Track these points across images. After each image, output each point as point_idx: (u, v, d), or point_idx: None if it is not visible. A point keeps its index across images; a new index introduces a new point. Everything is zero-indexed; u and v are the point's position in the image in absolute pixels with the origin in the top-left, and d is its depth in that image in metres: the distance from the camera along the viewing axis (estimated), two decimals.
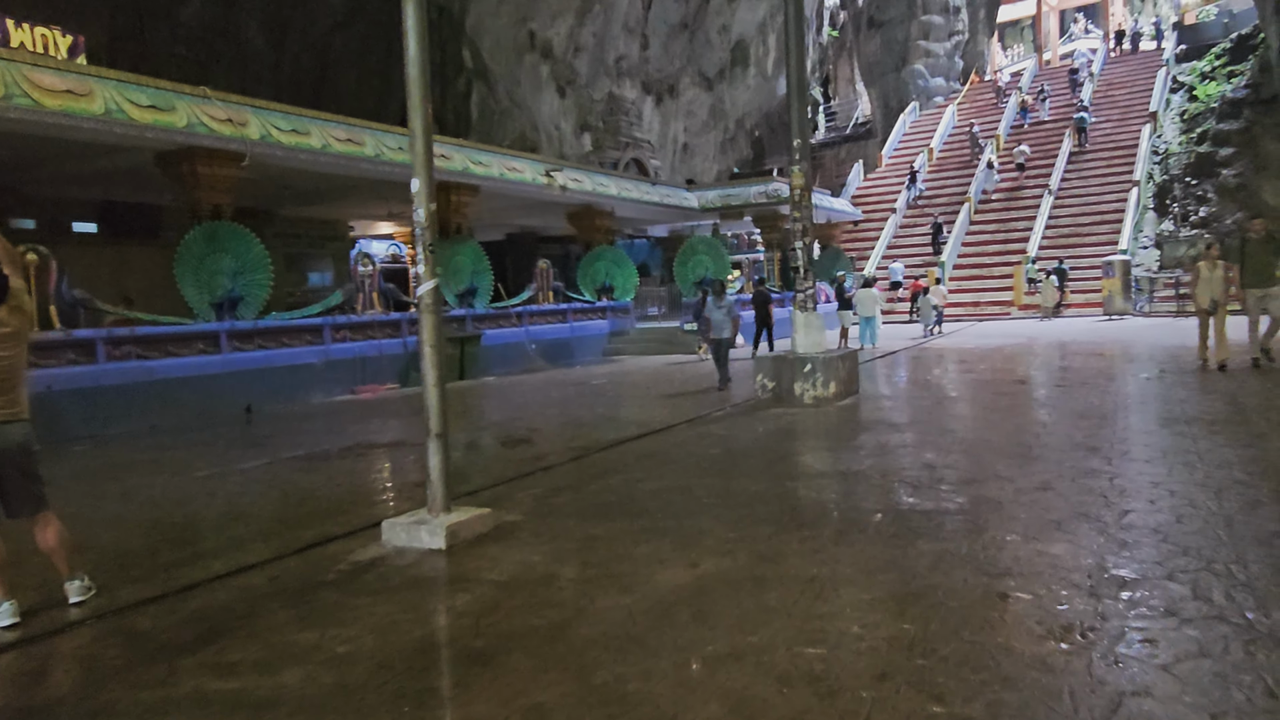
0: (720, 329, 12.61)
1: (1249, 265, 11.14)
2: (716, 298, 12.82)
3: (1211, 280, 11.43)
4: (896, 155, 39.31)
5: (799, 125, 10.67)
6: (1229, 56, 33.75)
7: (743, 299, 23.65)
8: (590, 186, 21.31)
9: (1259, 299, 11.15)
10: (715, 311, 12.68)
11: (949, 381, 12.83)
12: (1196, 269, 11.68)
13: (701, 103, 39.99)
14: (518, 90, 32.51)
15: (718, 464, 7.26)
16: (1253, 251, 11.17)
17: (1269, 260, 11.04)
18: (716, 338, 12.66)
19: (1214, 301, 11.43)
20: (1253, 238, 11.29)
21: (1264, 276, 11.03)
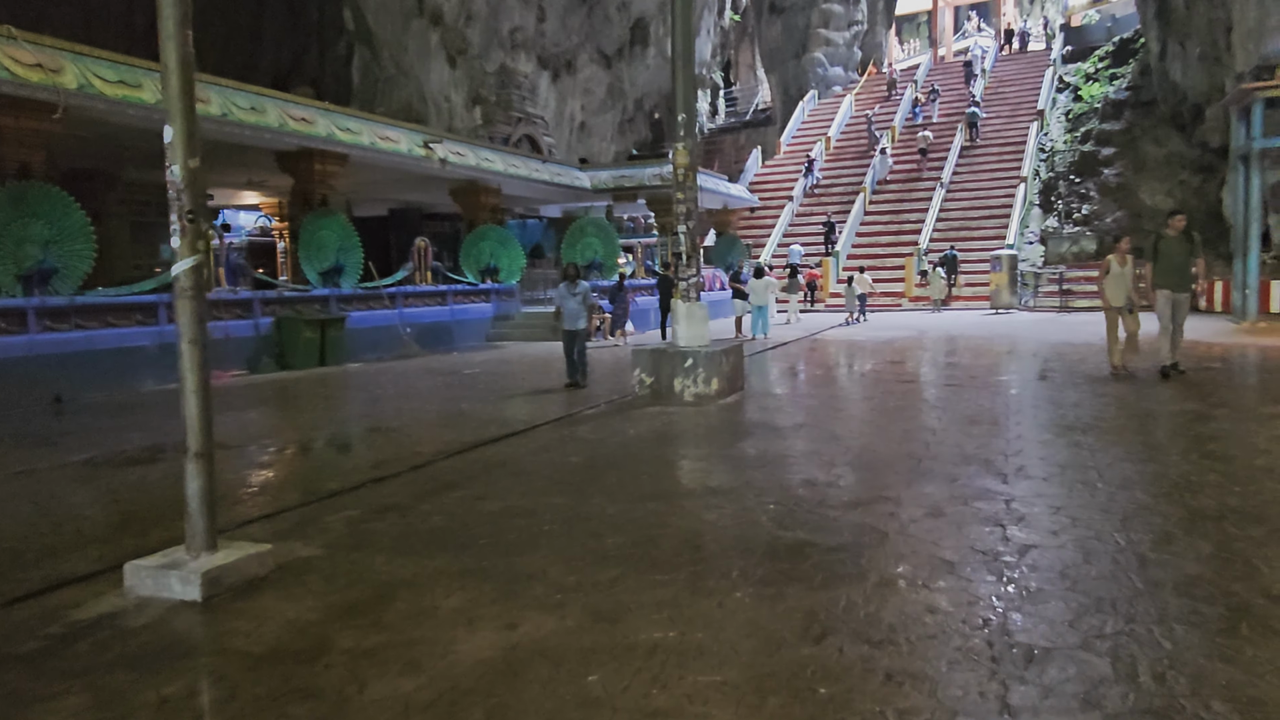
0: (574, 319, 11.25)
1: (1162, 264, 10.19)
2: (570, 284, 11.31)
3: (1123, 277, 10.63)
4: (795, 143, 39.12)
5: (684, 99, 9.80)
6: (1111, 59, 34.69)
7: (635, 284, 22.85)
8: (474, 161, 20.05)
9: (1167, 301, 10.26)
10: (568, 300, 11.25)
11: (838, 378, 12.27)
12: (1106, 264, 10.80)
13: (600, 81, 38.87)
14: (405, 57, 30.73)
15: (575, 477, 6.35)
16: (1168, 250, 10.17)
17: (1184, 261, 10.13)
18: (570, 329, 11.25)
19: (1129, 299, 10.58)
20: (1169, 234, 10.26)
21: (1178, 278, 10.15)
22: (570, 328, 11.23)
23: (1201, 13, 24.61)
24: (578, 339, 11.24)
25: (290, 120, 15.12)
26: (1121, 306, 10.62)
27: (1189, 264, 10.15)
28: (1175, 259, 10.11)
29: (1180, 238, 10.21)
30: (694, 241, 10.05)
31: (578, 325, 11.22)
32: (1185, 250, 10.14)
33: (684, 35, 9.71)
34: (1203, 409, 8.39)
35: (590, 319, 11.34)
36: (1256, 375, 11.07)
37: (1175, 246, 10.15)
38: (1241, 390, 9.61)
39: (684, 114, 9.80)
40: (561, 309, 11.36)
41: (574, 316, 11.21)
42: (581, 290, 11.23)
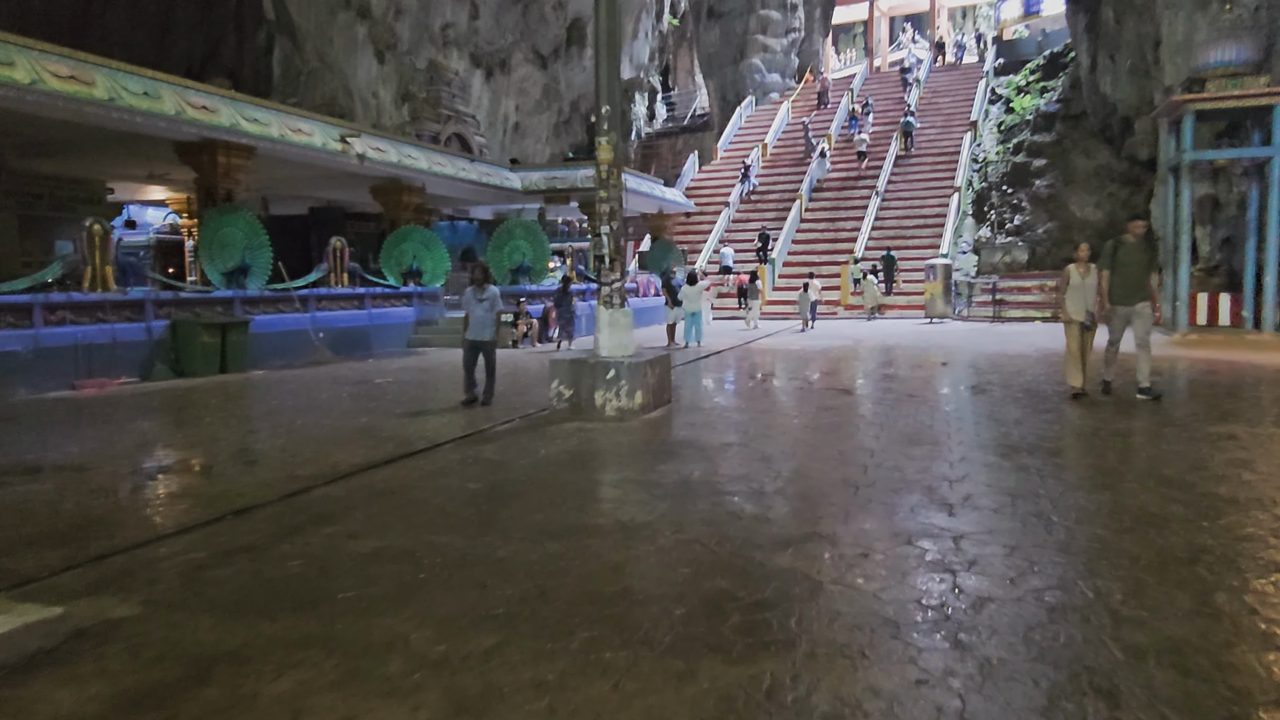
0: (480, 328, 9.98)
1: (1120, 274, 9.28)
2: (477, 289, 10.03)
3: (1084, 289, 9.50)
4: (732, 148, 38.80)
5: (608, 90, 9.09)
6: (1042, 72, 35.11)
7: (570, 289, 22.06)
8: (395, 158, 19.07)
9: (1122, 318, 9.41)
10: (475, 306, 9.97)
11: (772, 391, 11.67)
12: (1065, 274, 9.69)
13: (535, 81, 37.99)
14: (330, 50, 29.47)
15: (471, 507, 5.57)
16: (1127, 258, 9.23)
17: (1143, 271, 9.24)
18: (475, 339, 9.99)
19: (1090, 314, 9.48)
20: (1128, 240, 9.33)
21: (1134, 289, 9.28)
22: (476, 337, 10.02)
23: (1131, 27, 24.85)
24: (485, 350, 10.07)
25: (189, 108, 14.00)
26: (1083, 320, 9.56)
27: (1148, 274, 9.30)
28: (1133, 268, 9.25)
29: (1140, 244, 9.38)
30: (618, 244, 9.34)
31: (484, 335, 10.01)
32: (1145, 259, 9.31)
33: (608, 22, 9.01)
34: (1149, 427, 7.97)
35: (499, 327, 10.19)
36: (1195, 390, 10.79)
37: (1134, 254, 9.29)
38: (1184, 407, 9.25)
39: (607, 106, 9.09)
40: (468, 316, 10.11)
41: (481, 325, 10.01)
42: (490, 296, 10.03)
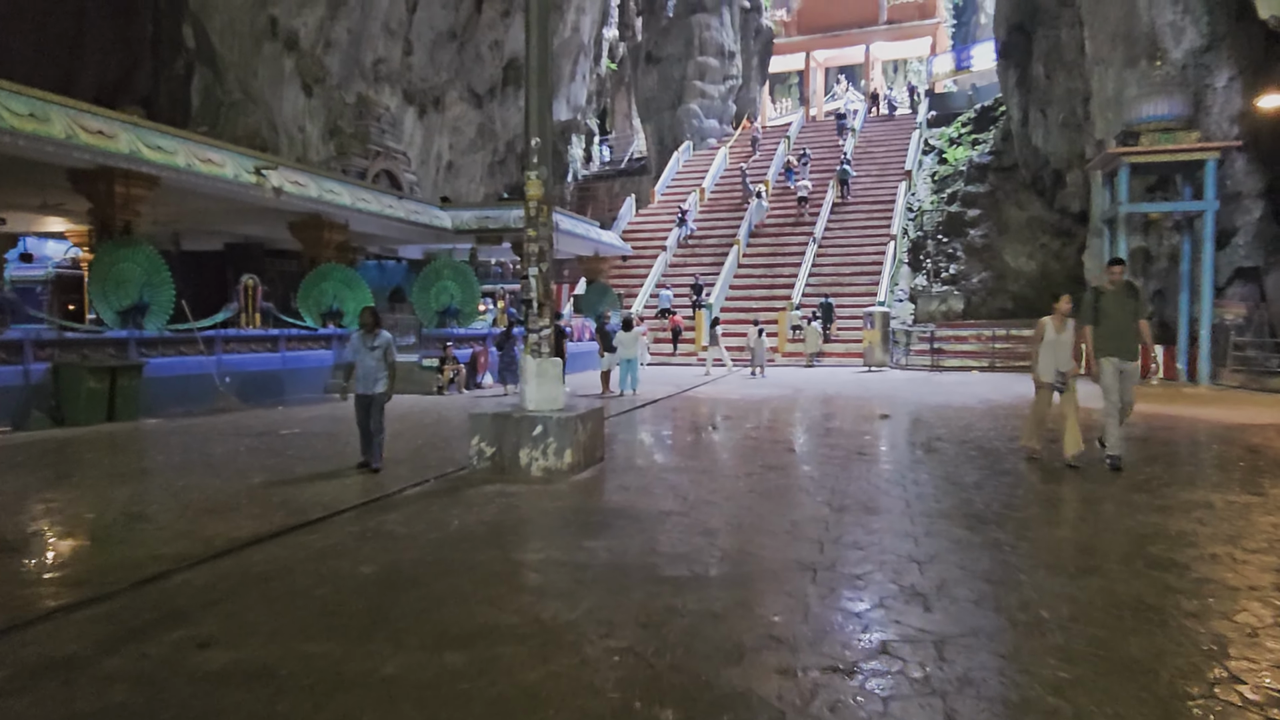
0: (370, 380, 8.57)
1: (1105, 326, 8.31)
2: (366, 334, 8.63)
3: (1059, 345, 8.57)
4: (669, 192, 38.55)
5: (538, 121, 8.37)
6: (974, 125, 35.76)
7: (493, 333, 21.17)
8: (316, 192, 18.06)
9: (1115, 371, 8.37)
10: (364, 354, 8.60)
11: (712, 446, 10.93)
12: (1039, 328, 8.74)
13: (470, 120, 37.33)
14: (254, 82, 28.37)
15: (361, 600, 4.64)
16: (1110, 307, 8.29)
17: (1130, 320, 8.31)
18: (364, 393, 8.60)
19: (1061, 376, 8.55)
20: (1109, 289, 8.39)
21: (1125, 343, 8.32)
22: (365, 391, 8.62)
23: (1061, 83, 25.30)
24: (374, 406, 8.63)
25: (82, 132, 12.86)
26: (1053, 382, 8.63)
27: (1135, 324, 8.35)
28: (1120, 319, 8.30)
29: (1123, 292, 8.38)
30: (548, 287, 8.55)
31: (374, 388, 8.59)
32: (1130, 308, 8.32)
33: (539, 49, 8.31)
34: (1117, 494, 7.41)
35: (391, 380, 8.80)
36: (1152, 450, 10.37)
37: (1118, 303, 8.32)
38: (1145, 468, 8.75)
39: (537, 139, 8.36)
40: (354, 366, 8.72)
41: (370, 377, 8.60)
42: (382, 343, 8.64)
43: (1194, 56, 19.44)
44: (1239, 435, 10.93)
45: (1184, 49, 19.51)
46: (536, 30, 8.28)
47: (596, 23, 39.98)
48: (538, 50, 8.27)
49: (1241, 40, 19.26)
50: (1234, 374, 17.93)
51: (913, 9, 46.94)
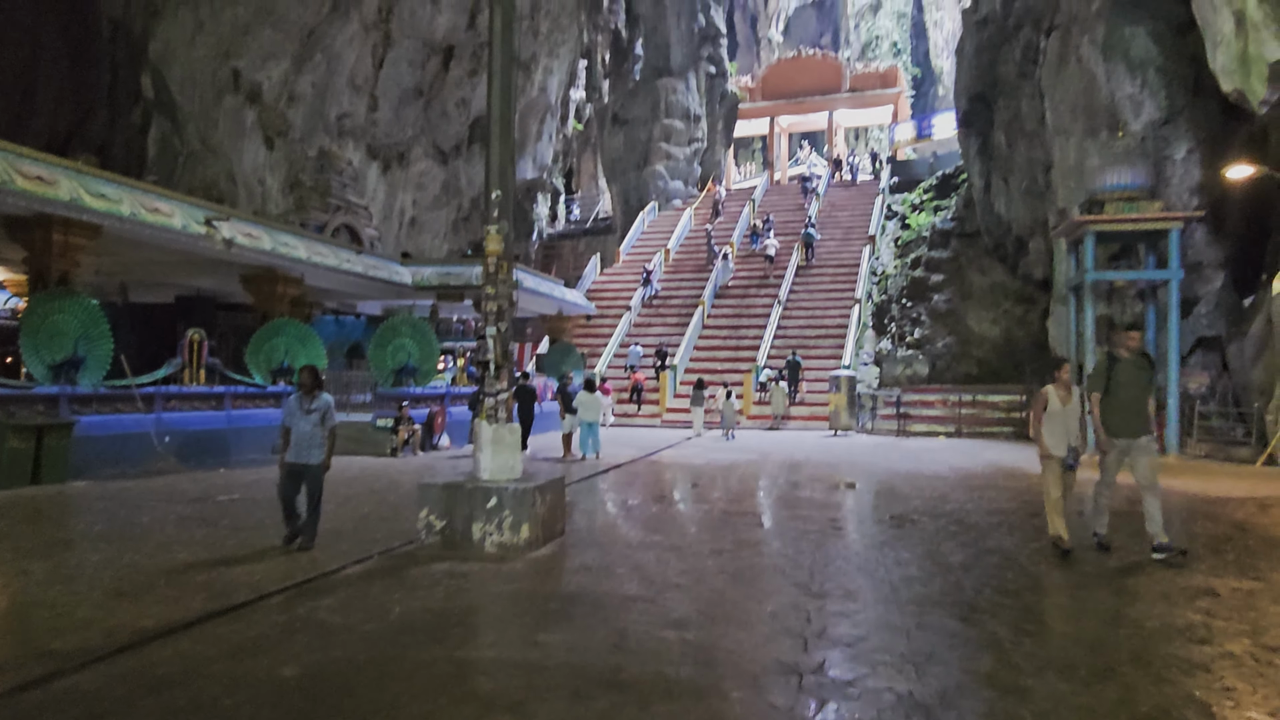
0: (305, 448, 7.71)
1: (1117, 398, 7.58)
2: (304, 397, 7.77)
3: (1067, 415, 7.75)
4: (634, 253, 38.44)
5: (500, 173, 7.94)
6: (935, 192, 36.23)
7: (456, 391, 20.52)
8: (270, 245, 17.45)
9: (1120, 453, 7.68)
10: (299, 419, 7.71)
11: (678, 517, 10.35)
12: (1042, 398, 7.96)
13: (434, 176, 37.06)
14: (214, 134, 27.90)
15: (274, 716, 3.98)
16: (1123, 377, 7.58)
17: (1143, 393, 7.60)
18: (298, 462, 7.71)
19: (1074, 450, 7.70)
20: (1124, 356, 7.66)
21: (1136, 417, 7.57)
22: (298, 460, 7.70)
23: (1022, 151, 25.63)
24: (309, 478, 7.75)
25: (19, 177, 12.21)
26: (1064, 457, 7.74)
27: (1148, 397, 7.66)
28: (1132, 390, 7.56)
29: (1137, 361, 7.68)
30: (506, 348, 8.01)
31: (309, 458, 7.70)
32: (1144, 379, 7.65)
33: (502, 98, 7.91)
34: (1110, 577, 6.96)
35: (330, 447, 7.91)
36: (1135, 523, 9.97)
37: (1132, 374, 7.59)
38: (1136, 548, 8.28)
39: (498, 191, 7.92)
40: (288, 432, 7.77)
41: (306, 444, 7.70)
42: (320, 406, 7.77)
43: (1153, 129, 19.74)
44: (1220, 510, 10.60)
45: (1143, 121, 19.81)
46: (500, 78, 7.89)
47: (564, 83, 40.21)
48: (501, 99, 7.88)
49: (1199, 114, 19.61)
50: (1200, 444, 17.81)
51: (874, 78, 47.95)
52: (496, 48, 7.97)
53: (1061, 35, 22.39)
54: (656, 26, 43.26)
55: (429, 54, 33.80)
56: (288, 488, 7.78)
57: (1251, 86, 12.88)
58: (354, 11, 29.81)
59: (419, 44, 33.22)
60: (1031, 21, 25.18)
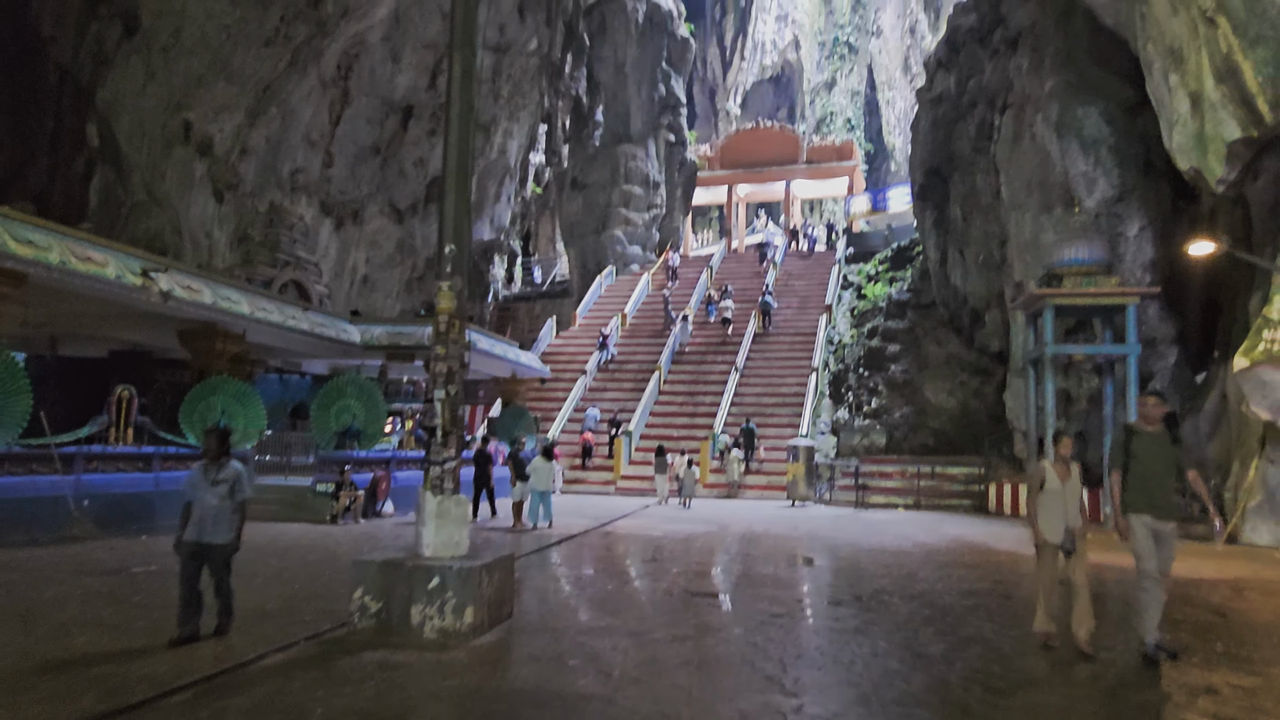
0: (211, 524, 6.65)
1: (1137, 473, 6.78)
2: (211, 465, 6.73)
3: (1066, 495, 6.99)
4: (591, 316, 38.09)
5: (454, 226, 7.46)
6: (891, 263, 36.59)
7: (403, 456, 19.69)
8: (210, 299, 16.68)
9: (1149, 533, 6.75)
10: (203, 490, 6.65)
11: (636, 596, 9.70)
12: (1038, 474, 7.20)
13: (389, 235, 36.52)
14: (160, 185, 27.14)
15: None
16: (1143, 451, 6.80)
17: (1169, 469, 6.82)
18: (201, 540, 6.62)
19: (1070, 534, 6.96)
20: (1145, 430, 6.91)
21: (1161, 496, 6.76)
22: (202, 539, 6.62)
23: (978, 225, 25.95)
24: (213, 559, 6.70)
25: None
26: (1060, 544, 7.00)
27: (1174, 474, 6.87)
28: (1156, 466, 6.78)
29: (1160, 435, 6.94)
30: (454, 413, 7.42)
31: (216, 536, 6.64)
32: (1169, 454, 6.88)
33: (459, 148, 7.48)
34: (1101, 670, 6.48)
35: (241, 524, 6.84)
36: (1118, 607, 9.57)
37: (1154, 447, 6.85)
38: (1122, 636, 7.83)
39: (452, 246, 7.42)
40: (190, 506, 6.68)
41: (213, 520, 6.63)
42: (229, 476, 6.71)
43: (1106, 206, 20.04)
44: (1196, 594, 10.23)
45: (1097, 198, 20.12)
46: (457, 128, 7.46)
47: (524, 146, 40.24)
48: (457, 150, 7.43)
49: (1150, 193, 19.98)
50: None
51: (831, 151, 48.85)
52: (455, 97, 7.56)
53: (1015, 113, 22.85)
54: (617, 94, 43.70)
55: (388, 112, 33.56)
56: (189, 571, 6.66)
57: (1209, 165, 13.00)
58: (312, 68, 29.51)
59: (378, 102, 32.98)
60: (985, 100, 25.74)
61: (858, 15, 68.16)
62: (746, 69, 67.65)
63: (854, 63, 67.68)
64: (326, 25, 28.82)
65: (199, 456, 16.76)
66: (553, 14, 36.77)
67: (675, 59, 45.54)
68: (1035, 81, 21.94)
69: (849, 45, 67.96)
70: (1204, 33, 12.06)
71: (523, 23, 35.64)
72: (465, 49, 7.66)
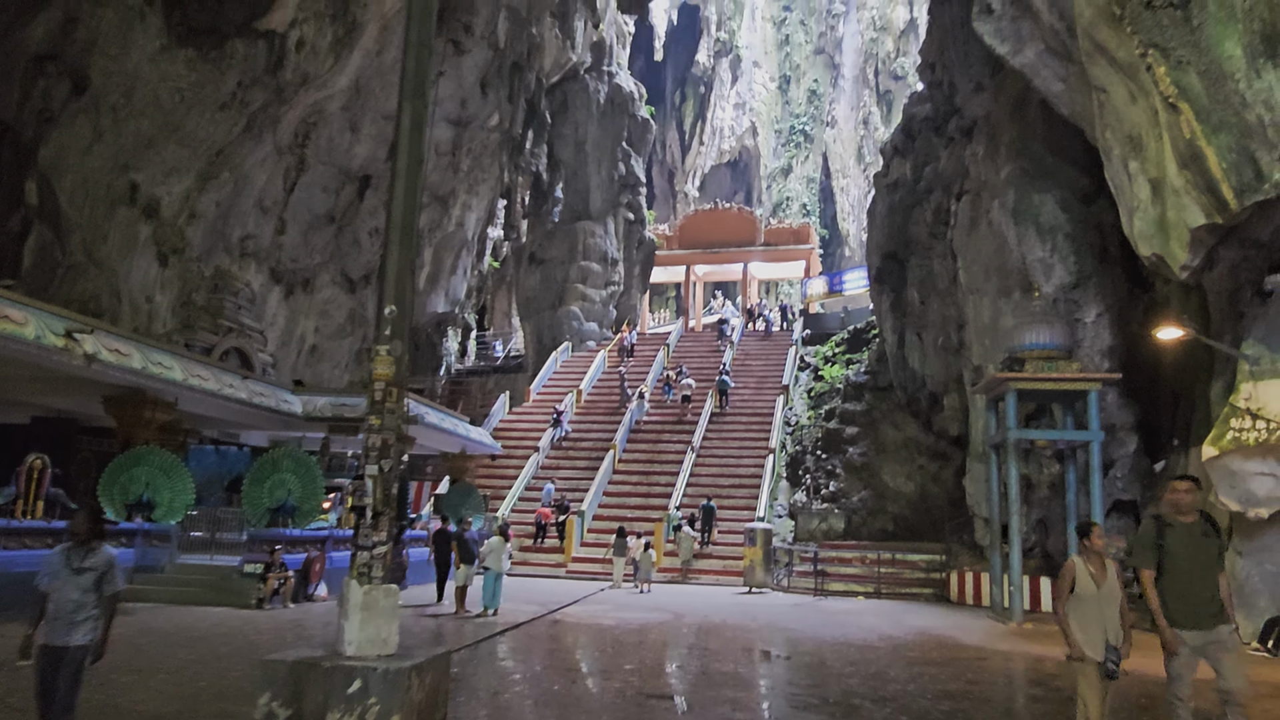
0: (67, 621, 5.41)
1: (1173, 575, 5.85)
2: (76, 550, 5.52)
3: (1103, 601, 5.85)
4: (545, 392, 37.36)
5: (396, 285, 6.83)
6: (847, 345, 36.58)
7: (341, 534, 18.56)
8: (140, 364, 15.72)
9: (1192, 654, 5.85)
10: (64, 579, 5.44)
11: (586, 699, 8.83)
12: (1067, 571, 6.07)
13: (340, 305, 35.65)
14: (101, 247, 26.16)
15: None
16: (1179, 547, 5.86)
17: (1212, 568, 5.87)
18: (53, 644, 5.39)
19: (1114, 650, 5.79)
20: (1180, 522, 5.96)
21: (1206, 603, 5.81)
22: (55, 640, 5.41)
23: (935, 309, 25.96)
24: (67, 665, 5.42)
25: None
26: (1104, 661, 5.77)
27: (1217, 573, 5.88)
28: (1196, 566, 5.81)
29: (1198, 528, 5.93)
30: (388, 492, 6.67)
31: (72, 636, 5.41)
32: (1210, 550, 5.89)
33: (405, 200, 6.91)
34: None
35: (108, 624, 5.63)
36: None
37: (1192, 543, 5.87)
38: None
39: (392, 307, 6.79)
40: (46, 598, 5.46)
41: (70, 616, 5.42)
42: (98, 565, 5.52)
43: (1064, 292, 20.06)
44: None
45: (1054, 284, 20.14)
46: (404, 180, 6.91)
47: (482, 220, 39.97)
48: (404, 203, 6.86)
49: (1106, 279, 20.09)
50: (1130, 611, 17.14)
51: (788, 234, 49.37)
52: (403, 148, 7.03)
53: (972, 200, 23.07)
54: (577, 172, 43.89)
55: (344, 181, 33.10)
56: (45, 679, 5.44)
57: (1172, 251, 12.95)
58: (268, 134, 29.02)
59: (335, 171, 32.53)
60: (942, 186, 26.05)
61: (813, 105, 70.12)
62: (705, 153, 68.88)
63: (809, 150, 69.34)
64: (285, 93, 28.43)
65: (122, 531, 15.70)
66: (515, 91, 36.96)
67: (636, 139, 46.03)
68: (991, 169, 22.21)
69: (805, 134, 69.71)
70: (1166, 119, 12.11)
71: (484, 98, 35.70)
72: (416, 100, 7.17)
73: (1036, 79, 17.99)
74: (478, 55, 34.37)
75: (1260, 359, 12.60)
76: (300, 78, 28.35)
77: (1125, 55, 12.91)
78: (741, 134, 69.44)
